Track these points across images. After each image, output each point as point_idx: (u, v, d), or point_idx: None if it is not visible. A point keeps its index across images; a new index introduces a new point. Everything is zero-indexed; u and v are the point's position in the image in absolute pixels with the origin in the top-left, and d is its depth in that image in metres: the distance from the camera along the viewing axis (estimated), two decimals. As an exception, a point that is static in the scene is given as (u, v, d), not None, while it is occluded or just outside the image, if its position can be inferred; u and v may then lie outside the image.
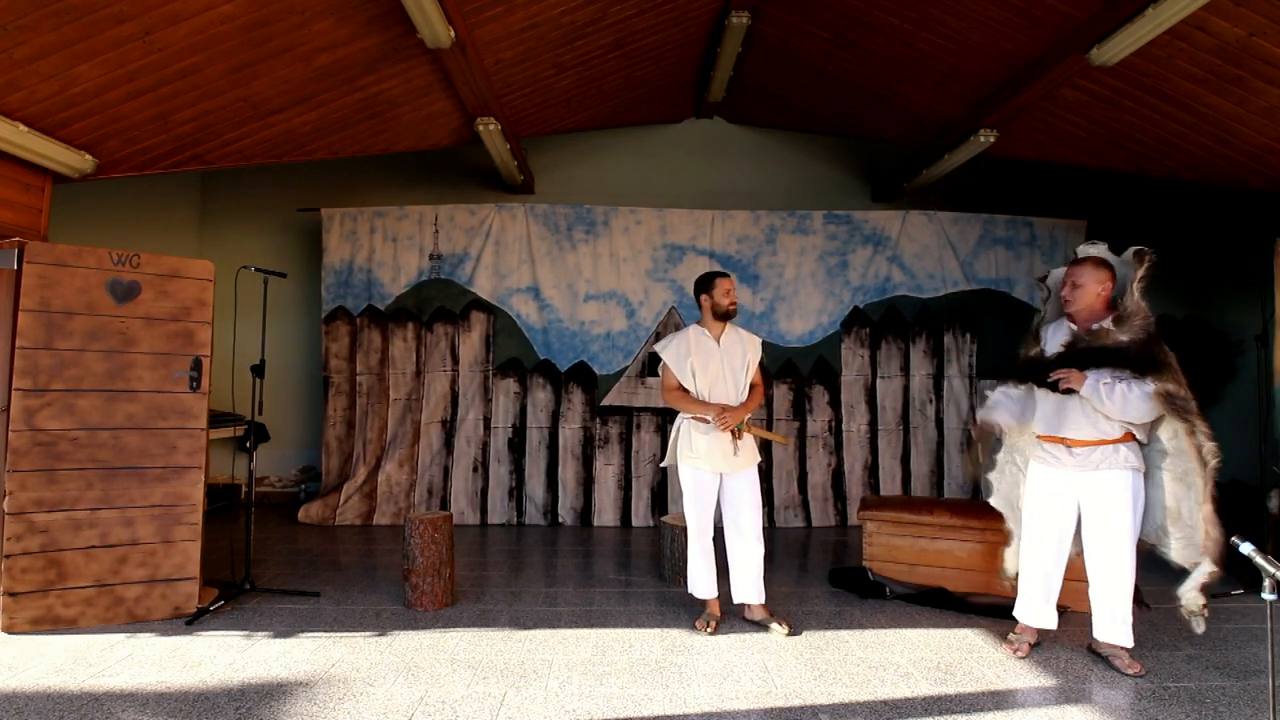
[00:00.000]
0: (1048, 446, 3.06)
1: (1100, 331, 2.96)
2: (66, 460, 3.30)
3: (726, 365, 3.44)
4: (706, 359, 3.44)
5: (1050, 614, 3.13)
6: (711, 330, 3.50)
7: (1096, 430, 2.93)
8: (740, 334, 3.55)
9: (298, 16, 3.54)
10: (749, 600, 3.44)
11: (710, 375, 3.43)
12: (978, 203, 6.58)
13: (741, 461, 3.41)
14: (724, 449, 3.37)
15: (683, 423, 3.47)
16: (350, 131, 4.90)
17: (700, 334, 3.50)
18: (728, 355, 3.45)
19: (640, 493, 5.94)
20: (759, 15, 4.96)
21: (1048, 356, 3.05)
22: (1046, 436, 3.06)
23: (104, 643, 3.12)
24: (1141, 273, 2.98)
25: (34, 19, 2.98)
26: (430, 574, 3.61)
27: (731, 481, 3.44)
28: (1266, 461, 4.47)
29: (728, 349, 3.47)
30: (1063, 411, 2.99)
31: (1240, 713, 2.58)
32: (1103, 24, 3.62)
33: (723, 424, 3.32)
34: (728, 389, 3.43)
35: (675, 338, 3.53)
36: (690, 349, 3.45)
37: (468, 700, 2.62)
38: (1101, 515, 2.94)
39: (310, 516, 5.76)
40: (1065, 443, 3.00)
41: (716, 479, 3.44)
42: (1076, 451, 2.97)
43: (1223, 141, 4.34)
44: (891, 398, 6.14)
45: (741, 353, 3.48)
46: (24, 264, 3.27)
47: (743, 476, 3.44)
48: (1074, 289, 3.02)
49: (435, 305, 6.07)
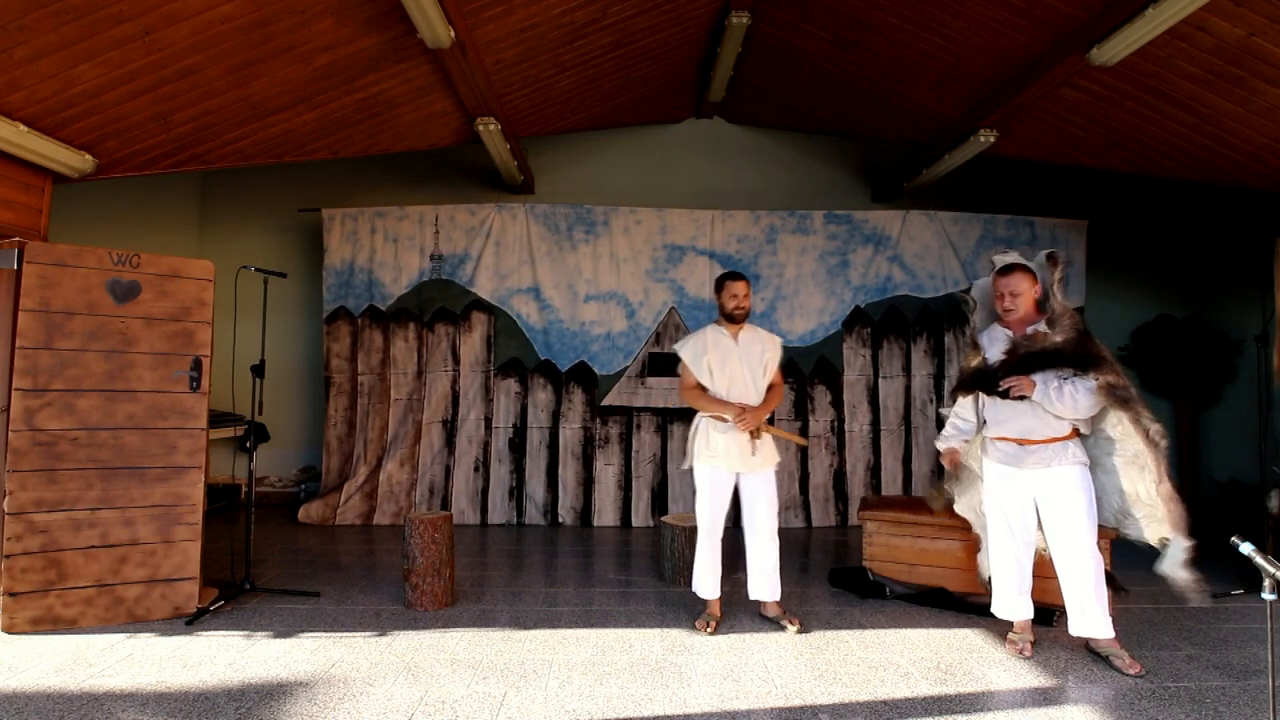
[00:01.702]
0: (1001, 445, 3.18)
1: (1036, 335, 3.09)
2: (66, 460, 3.30)
3: (744, 364, 3.43)
4: (724, 357, 3.44)
5: (1026, 605, 3.21)
6: (729, 329, 3.50)
7: (1047, 429, 3.05)
8: (760, 334, 3.54)
9: (298, 16, 3.54)
10: (763, 598, 3.47)
11: (728, 374, 3.43)
12: (978, 203, 6.58)
13: (759, 461, 3.41)
14: (742, 448, 3.37)
15: (701, 421, 3.47)
16: (350, 131, 4.90)
17: (718, 332, 3.50)
18: (745, 354, 3.45)
19: (640, 493, 5.94)
20: (759, 15, 4.96)
21: (992, 364, 3.17)
22: (1002, 436, 3.18)
23: (104, 643, 3.12)
24: (1059, 274, 3.13)
25: (34, 19, 2.98)
26: (430, 574, 3.61)
27: (749, 481, 3.44)
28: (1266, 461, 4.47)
29: (746, 348, 3.46)
30: (1013, 414, 3.11)
31: (1240, 713, 2.58)
32: (1103, 24, 3.62)
33: (743, 424, 3.32)
34: (745, 388, 3.42)
35: (693, 336, 3.55)
36: (707, 347, 3.46)
37: (468, 700, 2.63)
38: (1059, 511, 3.04)
39: (310, 516, 5.76)
40: (1019, 442, 3.11)
41: (732, 478, 3.44)
42: (1030, 449, 3.07)
43: (1223, 141, 4.34)
44: (894, 398, 6.14)
45: (760, 352, 3.47)
46: (24, 264, 3.27)
47: (761, 476, 3.43)
48: (1013, 298, 3.12)
49: (436, 305, 6.07)
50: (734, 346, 3.46)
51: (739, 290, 3.47)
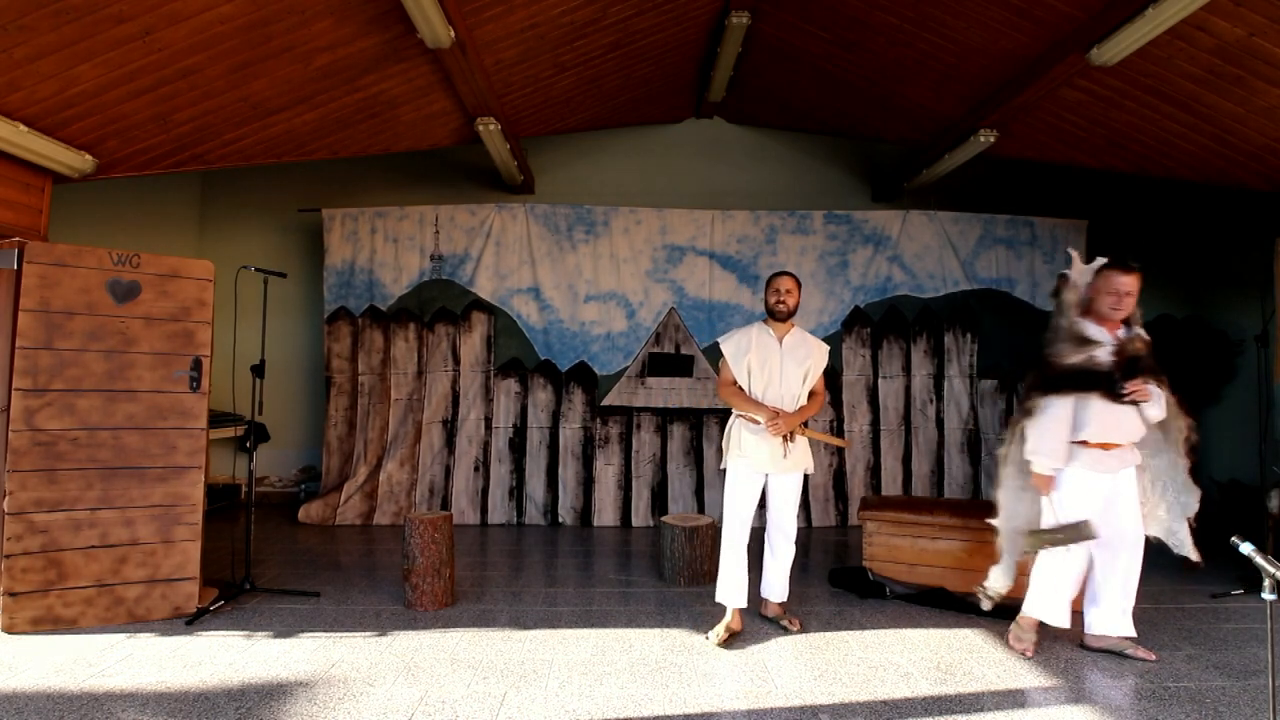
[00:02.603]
0: (1098, 454, 3.02)
1: (1133, 339, 3.07)
2: (66, 460, 3.30)
3: (786, 366, 3.34)
4: (765, 357, 3.36)
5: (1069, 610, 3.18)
6: (776, 330, 3.41)
7: (1137, 433, 3.06)
8: (808, 339, 3.46)
9: (298, 16, 3.54)
10: (773, 597, 3.48)
11: (767, 374, 3.34)
12: (978, 203, 6.58)
13: (790, 464, 3.34)
14: (774, 450, 3.30)
15: (735, 420, 3.41)
16: (350, 131, 4.90)
17: (764, 331, 3.42)
18: (789, 357, 3.36)
19: (640, 493, 5.94)
20: (759, 15, 4.96)
21: (1104, 366, 2.99)
22: (1101, 443, 3.02)
23: (104, 643, 3.12)
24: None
25: (34, 19, 2.98)
26: (430, 574, 3.60)
27: (776, 482, 3.38)
28: (1266, 461, 4.47)
29: (790, 350, 3.37)
30: (1121, 418, 3.00)
31: (1240, 713, 2.58)
32: (1103, 24, 3.62)
33: (774, 428, 3.23)
34: (783, 391, 3.33)
35: (738, 332, 3.47)
36: (751, 345, 3.37)
37: (468, 700, 2.62)
38: (1125, 510, 3.08)
39: (310, 516, 5.76)
40: (1106, 447, 3.03)
41: (761, 479, 3.36)
42: (1113, 453, 3.06)
43: (1223, 141, 4.34)
44: (894, 398, 6.14)
45: (804, 356, 3.38)
46: (24, 264, 3.27)
47: (790, 478, 3.38)
48: (1128, 298, 3.03)
49: (436, 305, 6.07)
50: (777, 348, 3.37)
51: (782, 285, 3.37)
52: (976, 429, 6.10)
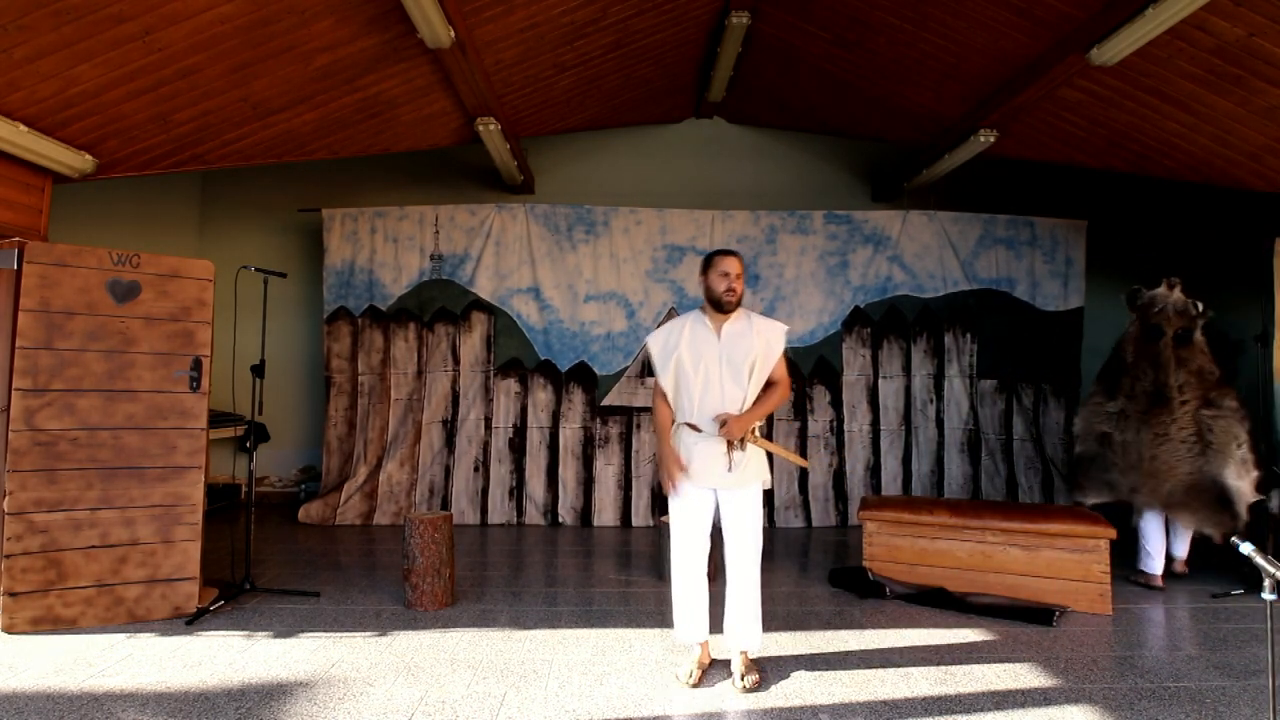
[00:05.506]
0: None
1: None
2: (66, 460, 3.30)
3: (725, 363, 2.79)
4: (699, 355, 2.81)
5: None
6: (713, 321, 2.88)
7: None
8: (755, 321, 2.87)
9: (298, 16, 3.54)
10: (737, 646, 2.83)
11: (703, 375, 2.80)
12: (978, 203, 6.58)
13: (739, 477, 2.78)
14: (718, 461, 2.77)
15: (678, 425, 2.87)
16: (350, 131, 4.90)
17: (698, 323, 2.89)
18: (728, 350, 2.80)
19: (640, 493, 5.94)
20: (759, 15, 4.96)
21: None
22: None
23: (104, 643, 3.12)
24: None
25: (34, 19, 2.98)
26: (430, 574, 3.60)
27: (726, 501, 2.82)
28: (1266, 461, 4.46)
29: (730, 343, 2.81)
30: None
31: (1240, 713, 2.58)
32: (1103, 24, 3.61)
33: (725, 432, 2.73)
34: (723, 393, 2.77)
35: (668, 325, 2.95)
36: (680, 341, 2.85)
37: (468, 700, 2.63)
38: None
39: (310, 516, 5.76)
40: None
41: (710, 496, 2.83)
42: None
43: (1223, 141, 4.34)
44: (894, 398, 6.14)
45: (748, 348, 2.80)
46: (24, 264, 3.27)
47: (741, 494, 2.80)
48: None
49: (436, 305, 6.07)
50: (715, 342, 2.82)
51: (732, 269, 2.81)
52: (977, 429, 6.10)
